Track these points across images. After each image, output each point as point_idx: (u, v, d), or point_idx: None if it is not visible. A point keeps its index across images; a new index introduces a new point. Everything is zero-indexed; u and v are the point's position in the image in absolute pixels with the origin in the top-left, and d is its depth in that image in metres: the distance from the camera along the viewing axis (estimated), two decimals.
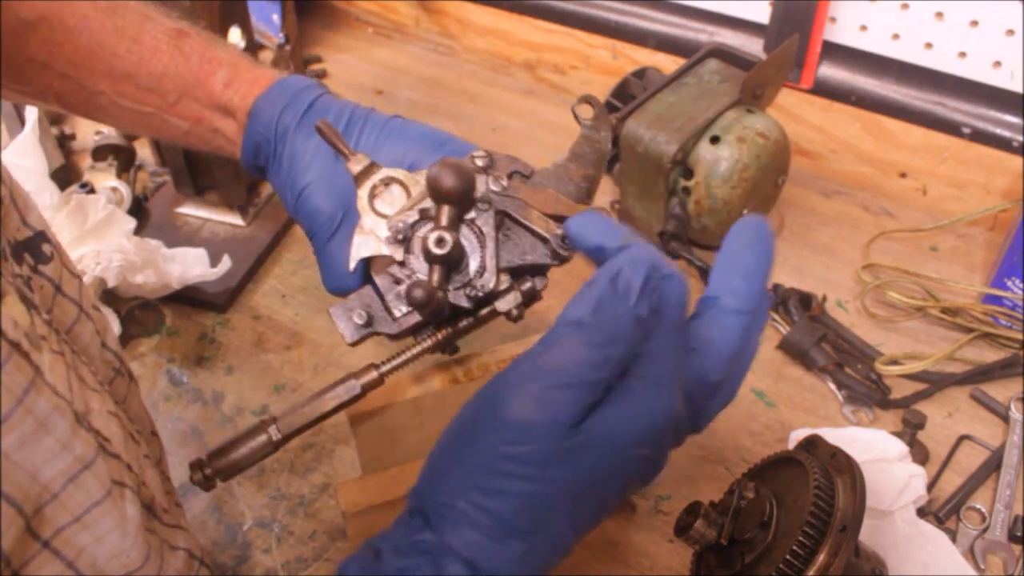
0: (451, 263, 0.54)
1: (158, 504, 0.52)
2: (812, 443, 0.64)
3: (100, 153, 1.06)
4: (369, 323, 0.56)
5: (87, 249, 0.89)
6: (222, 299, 0.95)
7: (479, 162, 0.57)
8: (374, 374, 0.57)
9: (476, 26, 1.34)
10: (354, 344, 0.57)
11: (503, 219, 0.56)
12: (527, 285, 0.56)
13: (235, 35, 1.00)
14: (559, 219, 0.56)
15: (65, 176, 1.06)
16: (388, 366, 0.58)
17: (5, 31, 0.60)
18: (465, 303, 0.55)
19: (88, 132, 1.14)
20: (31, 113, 1.01)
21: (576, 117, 0.60)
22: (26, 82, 0.62)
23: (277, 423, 0.55)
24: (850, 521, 0.55)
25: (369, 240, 0.56)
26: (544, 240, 0.56)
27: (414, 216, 0.55)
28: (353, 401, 0.58)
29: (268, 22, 1.26)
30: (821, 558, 0.54)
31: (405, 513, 0.46)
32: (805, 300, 0.91)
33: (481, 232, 0.54)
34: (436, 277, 0.53)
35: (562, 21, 1.25)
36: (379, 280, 0.57)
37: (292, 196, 0.61)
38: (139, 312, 0.95)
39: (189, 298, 0.95)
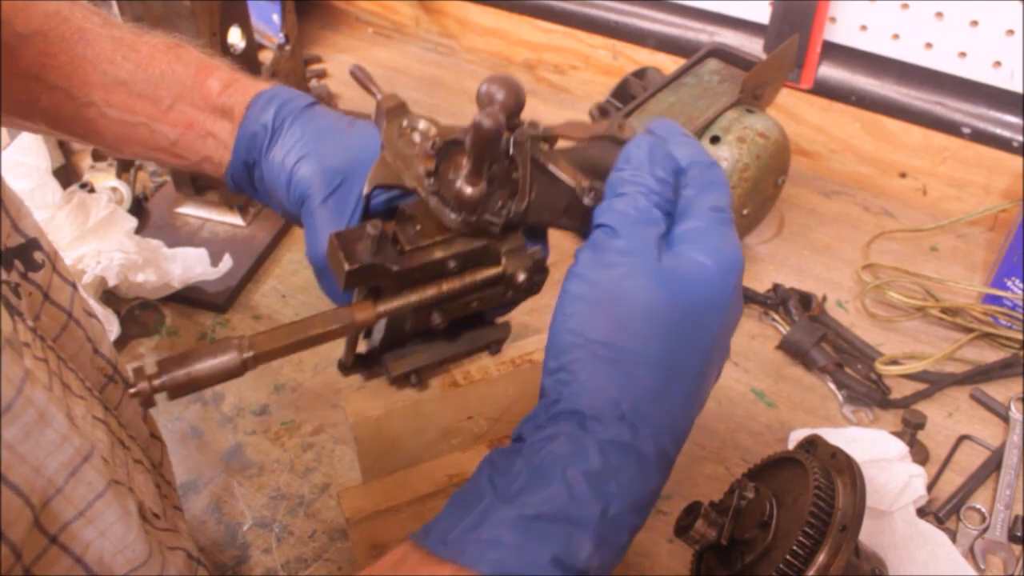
0: (497, 146, 0.49)
1: (147, 509, 0.52)
2: (812, 443, 0.64)
3: (100, 153, 1.06)
4: (379, 247, 0.49)
5: (88, 248, 0.89)
6: (222, 299, 0.95)
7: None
8: (371, 311, 0.52)
9: (476, 26, 1.34)
10: (351, 274, 0.49)
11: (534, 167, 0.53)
12: (540, 253, 0.54)
13: (235, 35, 1.00)
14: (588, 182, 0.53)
15: (65, 176, 1.06)
16: (388, 305, 0.52)
17: None
18: (496, 220, 0.51)
19: None
20: None
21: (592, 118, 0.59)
22: (12, 98, 0.62)
23: (252, 341, 0.48)
24: (850, 521, 0.55)
25: (389, 171, 0.51)
26: (569, 195, 0.52)
27: (452, 136, 0.51)
28: (343, 332, 0.52)
29: (268, 22, 1.26)
30: (821, 558, 0.54)
31: (539, 406, 0.46)
32: (805, 300, 0.91)
33: (514, 161, 0.51)
34: (466, 166, 0.48)
35: (562, 21, 1.25)
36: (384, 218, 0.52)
37: (284, 170, 0.58)
38: (139, 312, 0.95)
39: (189, 298, 0.95)
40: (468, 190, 0.48)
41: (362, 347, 0.60)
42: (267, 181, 0.60)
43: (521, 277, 0.52)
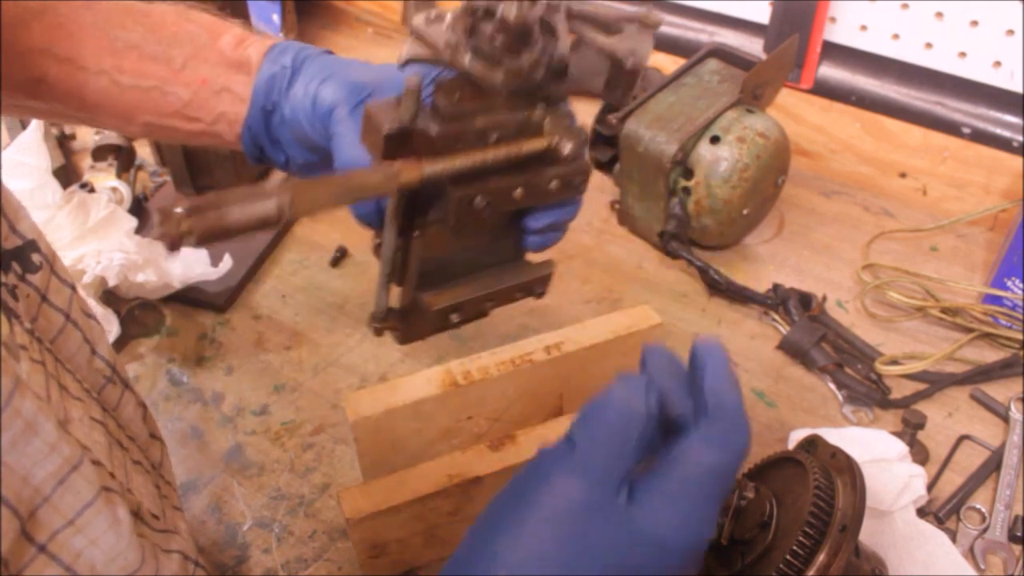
0: (528, 25, 0.46)
1: (146, 511, 0.51)
2: (812, 443, 0.64)
3: (100, 153, 1.06)
4: (417, 109, 0.46)
5: (88, 248, 0.89)
6: (222, 299, 0.95)
7: None
8: (416, 169, 0.47)
9: None
10: (390, 136, 0.46)
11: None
12: (584, 132, 0.50)
13: None
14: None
15: (65, 176, 1.06)
16: (434, 166, 0.47)
17: (8, 23, 0.59)
18: (540, 74, 0.48)
19: (88, 132, 1.14)
20: None
21: None
22: (20, 76, 0.61)
23: (291, 192, 0.43)
24: (850, 521, 0.55)
25: (423, 48, 0.49)
26: (608, 60, 0.49)
27: (483, 3, 0.47)
28: (386, 187, 0.47)
29: (268, 22, 1.26)
30: (821, 558, 0.54)
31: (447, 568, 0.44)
32: (805, 300, 0.91)
33: (551, 24, 0.48)
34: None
35: None
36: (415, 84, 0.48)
37: (309, 99, 0.57)
38: (139, 312, 0.95)
39: (189, 298, 0.95)
40: (513, 11, 0.44)
41: (394, 302, 0.56)
42: (288, 118, 0.59)
43: (567, 148, 0.49)
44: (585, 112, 0.82)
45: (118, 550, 0.44)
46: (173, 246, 0.41)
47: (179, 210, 0.40)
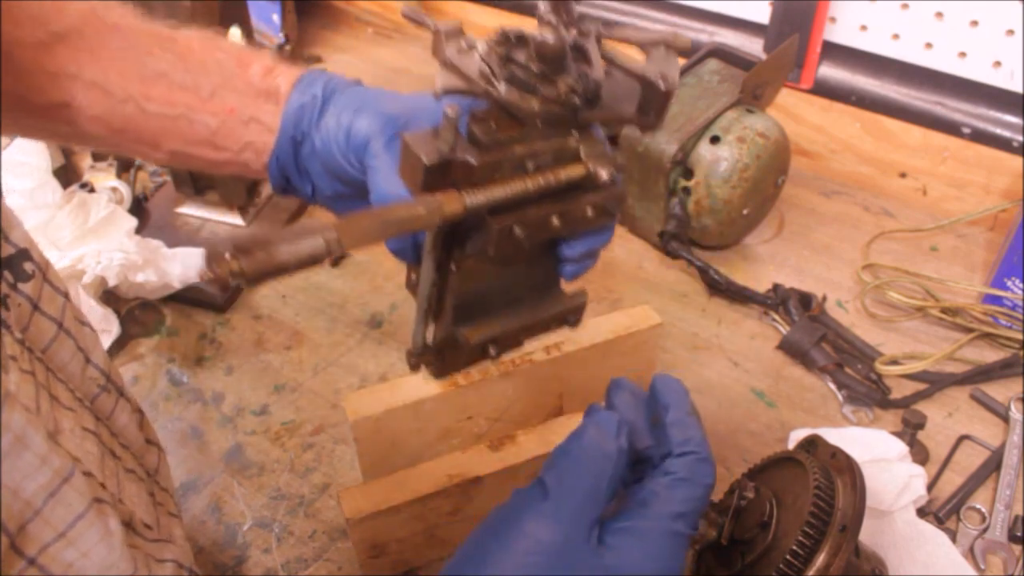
0: (564, 51, 0.47)
1: (138, 521, 0.51)
2: (812, 443, 0.64)
3: (100, 153, 1.06)
4: (456, 140, 0.46)
5: (88, 248, 0.90)
6: (222, 299, 0.95)
7: None
8: (458, 201, 0.46)
9: (476, 26, 1.34)
10: (430, 169, 0.46)
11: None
12: (621, 156, 0.51)
13: (235, 35, 1.00)
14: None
15: (65, 176, 1.06)
16: (475, 198, 0.47)
17: (33, 45, 0.58)
18: (576, 100, 0.48)
19: None
20: None
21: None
22: (45, 99, 0.60)
23: (337, 229, 0.43)
24: (850, 521, 0.55)
25: (456, 77, 0.49)
26: (639, 83, 0.49)
27: (517, 30, 0.48)
28: (429, 220, 0.46)
29: (268, 22, 1.26)
30: (821, 558, 0.54)
31: None
32: (805, 300, 0.91)
33: (584, 48, 0.48)
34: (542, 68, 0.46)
35: None
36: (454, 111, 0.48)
37: (342, 131, 0.57)
38: (139, 312, 0.95)
39: (189, 298, 0.95)
40: (550, 37, 0.45)
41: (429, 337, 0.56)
42: (319, 150, 0.59)
43: (605, 174, 0.49)
44: None
45: (110, 561, 0.44)
46: (223, 288, 0.41)
47: (228, 253, 0.40)
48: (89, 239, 0.90)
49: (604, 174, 0.49)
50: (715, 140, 0.91)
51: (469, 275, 0.52)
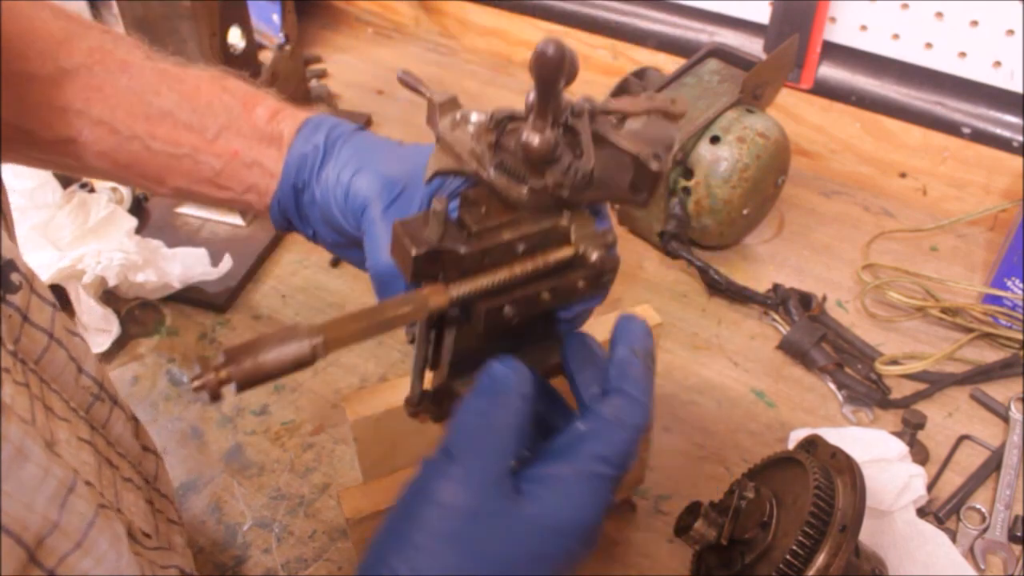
0: (550, 152, 0.47)
1: (137, 529, 0.51)
2: (812, 443, 0.64)
3: None
4: (445, 229, 0.46)
5: (88, 248, 0.89)
6: (222, 299, 0.95)
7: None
8: (444, 294, 0.47)
9: (476, 26, 1.34)
10: (417, 259, 0.47)
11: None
12: (611, 234, 0.50)
13: (235, 35, 1.00)
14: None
15: (65, 176, 1.06)
16: (461, 289, 0.48)
17: (42, 80, 0.59)
18: (564, 181, 0.48)
19: None
20: None
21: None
22: (53, 134, 0.61)
23: (323, 332, 0.45)
24: (850, 521, 0.55)
25: (448, 159, 0.49)
26: (632, 163, 0.49)
27: (507, 112, 0.49)
28: (415, 315, 0.47)
29: (268, 22, 1.26)
30: (821, 558, 0.54)
31: None
32: (805, 300, 0.91)
33: (575, 130, 0.48)
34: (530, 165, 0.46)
35: (562, 21, 1.25)
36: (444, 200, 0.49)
37: (341, 188, 0.57)
38: (139, 312, 0.95)
39: (189, 298, 0.95)
40: (535, 139, 0.45)
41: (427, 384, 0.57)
42: (319, 201, 0.59)
43: (594, 256, 0.48)
44: None
45: (119, 567, 0.44)
46: (214, 396, 0.43)
47: (219, 359, 0.43)
48: (89, 239, 0.90)
49: (594, 256, 0.48)
50: (715, 140, 0.91)
51: (465, 335, 0.53)
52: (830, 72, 1.08)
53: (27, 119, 0.60)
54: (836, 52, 1.08)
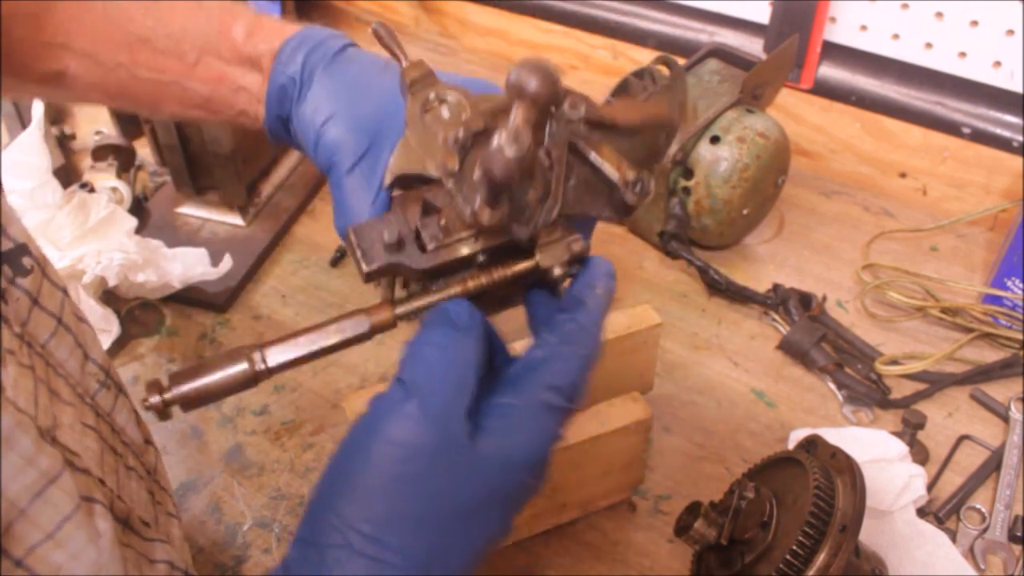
0: (517, 180, 0.43)
1: (136, 518, 0.51)
2: (812, 443, 0.64)
3: (100, 153, 1.06)
4: (399, 246, 0.45)
5: (88, 248, 0.89)
6: (222, 299, 0.95)
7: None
8: (387, 313, 0.47)
9: (476, 26, 1.34)
10: (370, 275, 0.47)
11: (570, 151, 0.48)
12: (578, 244, 0.47)
13: None
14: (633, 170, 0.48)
15: (65, 176, 1.06)
16: (406, 307, 0.47)
17: (23, 15, 0.58)
18: (524, 234, 0.46)
19: (88, 132, 1.14)
20: (36, 110, 1.02)
21: (652, 77, 0.55)
22: (42, 68, 0.61)
23: (263, 350, 0.46)
24: (850, 521, 0.55)
25: (412, 157, 0.48)
26: (611, 186, 0.48)
27: (479, 126, 0.46)
28: (358, 340, 0.48)
29: None
30: (821, 558, 0.54)
31: (294, 548, 0.43)
32: (805, 300, 0.91)
33: (549, 155, 0.46)
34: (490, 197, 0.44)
35: (562, 21, 1.25)
36: (405, 205, 0.48)
37: (313, 130, 0.56)
38: (139, 312, 0.95)
39: (189, 298, 0.95)
40: (485, 216, 0.44)
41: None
42: (300, 130, 0.58)
43: (556, 272, 0.47)
44: None
45: (99, 563, 0.44)
46: (162, 416, 0.45)
47: (164, 382, 0.44)
48: (89, 239, 0.90)
49: (556, 272, 0.47)
50: (715, 140, 0.91)
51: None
52: (830, 72, 1.08)
53: (18, 54, 0.60)
54: (836, 52, 1.08)
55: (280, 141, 0.62)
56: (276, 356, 0.46)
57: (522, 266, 0.48)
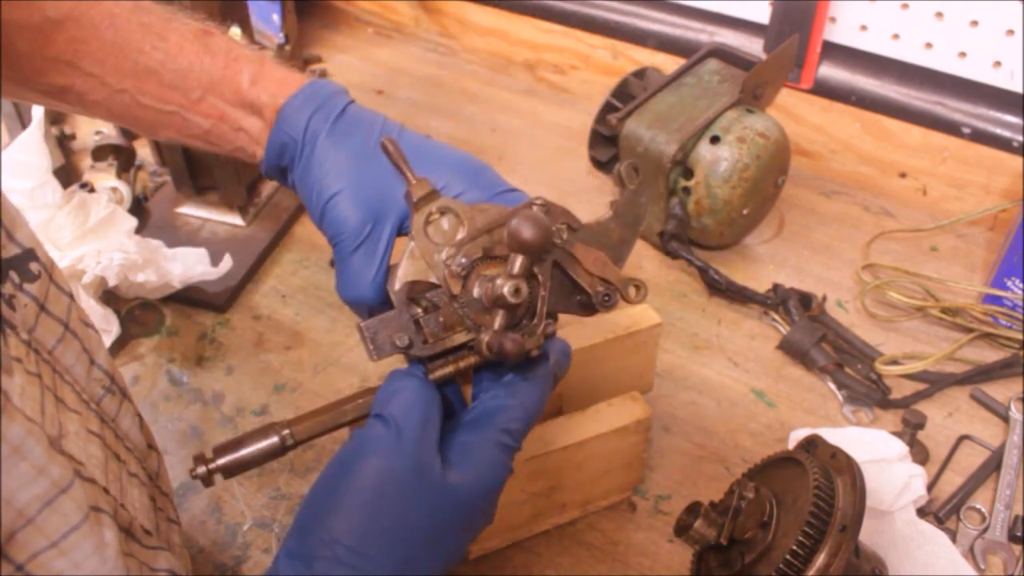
0: (516, 310, 0.54)
1: (138, 527, 0.51)
2: (812, 443, 0.64)
3: (100, 153, 1.06)
4: (409, 346, 0.54)
5: (88, 248, 0.89)
6: (222, 299, 0.95)
7: (537, 210, 0.57)
8: None
9: (476, 26, 1.34)
10: (377, 359, 0.56)
11: (554, 267, 0.57)
12: (551, 327, 0.57)
13: (235, 35, 1.00)
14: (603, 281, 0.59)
15: (65, 176, 1.06)
16: None
17: (31, 29, 0.59)
18: (535, 352, 0.55)
19: (88, 132, 1.14)
20: (36, 111, 1.01)
21: (622, 180, 0.60)
22: (47, 81, 0.62)
23: (291, 428, 0.56)
24: (850, 521, 0.55)
25: (418, 266, 0.55)
26: (583, 292, 0.57)
27: (477, 253, 0.55)
28: (368, 414, 0.56)
29: (268, 22, 1.26)
30: (821, 558, 0.54)
31: (283, 554, 0.48)
32: (805, 300, 0.91)
33: (537, 279, 0.55)
34: (500, 322, 0.53)
35: (562, 21, 1.25)
36: (410, 305, 0.56)
37: (319, 202, 0.59)
38: (139, 312, 0.95)
39: (189, 298, 0.95)
40: (487, 335, 0.52)
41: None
42: (302, 191, 0.61)
43: (534, 354, 0.56)
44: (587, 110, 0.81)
45: (103, 573, 0.44)
46: (206, 483, 0.55)
47: (208, 454, 0.54)
48: (89, 239, 0.90)
49: (533, 354, 0.55)
50: (715, 140, 0.91)
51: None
52: (830, 72, 1.08)
53: (24, 66, 0.61)
54: (836, 52, 1.08)
55: (274, 180, 0.65)
56: (302, 434, 0.56)
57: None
